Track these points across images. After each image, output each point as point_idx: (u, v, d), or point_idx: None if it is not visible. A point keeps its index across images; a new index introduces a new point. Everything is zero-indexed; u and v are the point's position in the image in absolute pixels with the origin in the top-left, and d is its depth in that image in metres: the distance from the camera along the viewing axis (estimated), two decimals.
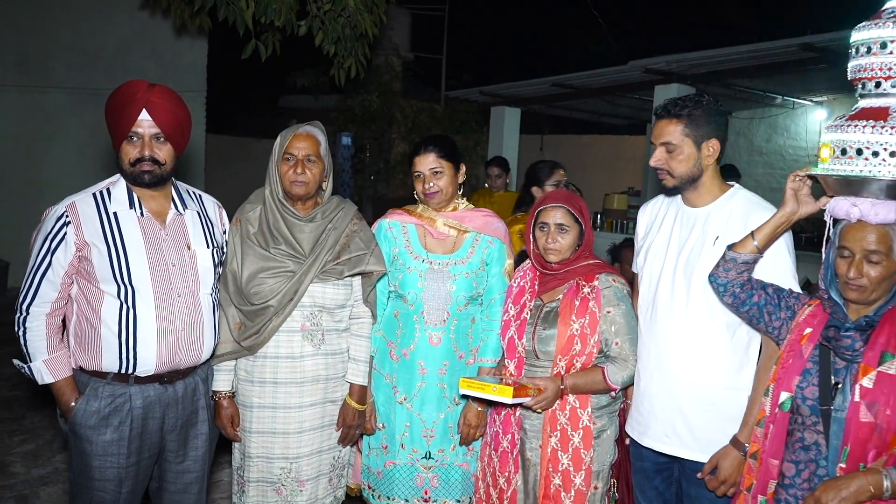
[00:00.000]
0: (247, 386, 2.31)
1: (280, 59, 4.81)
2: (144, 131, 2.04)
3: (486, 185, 5.79)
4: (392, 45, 12.17)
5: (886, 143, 1.62)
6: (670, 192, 2.21)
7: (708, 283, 1.99)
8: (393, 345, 2.46)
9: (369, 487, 2.51)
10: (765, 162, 9.34)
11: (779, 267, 2.00)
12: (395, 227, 2.52)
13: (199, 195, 2.32)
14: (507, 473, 2.31)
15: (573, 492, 2.21)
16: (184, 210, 2.19)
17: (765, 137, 9.43)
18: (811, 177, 1.82)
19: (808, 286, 4.86)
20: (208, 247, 2.20)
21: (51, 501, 3.38)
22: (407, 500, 2.44)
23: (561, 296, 2.27)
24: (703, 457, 2.08)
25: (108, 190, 2.10)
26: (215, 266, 2.22)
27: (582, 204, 2.31)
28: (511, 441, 2.30)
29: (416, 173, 2.47)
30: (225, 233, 2.33)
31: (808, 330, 1.78)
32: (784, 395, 1.76)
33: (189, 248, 2.15)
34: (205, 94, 9.09)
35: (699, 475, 2.08)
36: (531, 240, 2.34)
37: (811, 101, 8.67)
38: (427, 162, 2.44)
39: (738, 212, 2.08)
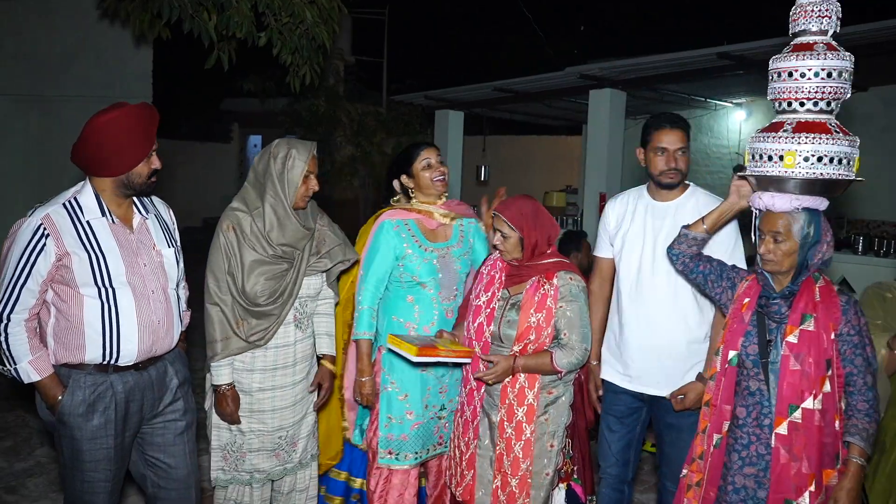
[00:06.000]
0: (246, 375, 2.54)
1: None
2: (155, 146, 2.28)
3: None
4: (337, 49, 12.39)
5: (837, 151, 1.99)
6: (668, 188, 2.66)
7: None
8: (411, 325, 2.78)
9: (390, 453, 2.81)
10: (691, 159, 10.00)
11: (726, 248, 2.57)
12: (399, 224, 2.81)
13: (151, 199, 2.46)
14: (466, 438, 2.64)
15: (512, 456, 2.53)
16: (147, 215, 2.37)
17: (691, 137, 10.09)
18: (742, 176, 2.26)
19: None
20: (170, 246, 2.40)
21: (38, 490, 3.56)
22: (427, 450, 2.84)
23: (524, 291, 2.57)
24: None
25: (75, 199, 2.22)
26: (178, 263, 2.43)
27: (522, 213, 2.54)
28: (473, 412, 2.63)
29: (426, 161, 2.81)
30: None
31: (747, 300, 2.21)
32: (732, 353, 2.20)
33: (155, 249, 2.35)
34: (150, 100, 9.12)
35: (668, 396, 2.61)
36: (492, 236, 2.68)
37: (731, 102, 9.32)
38: (435, 152, 2.84)
39: (701, 204, 2.61)
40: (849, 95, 2.06)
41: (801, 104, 2.07)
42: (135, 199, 2.35)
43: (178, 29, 4.58)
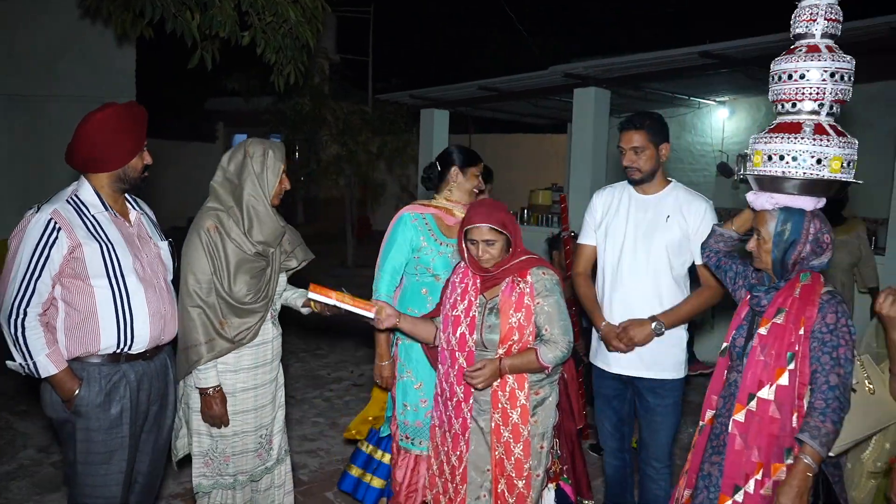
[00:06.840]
0: (231, 375, 2.53)
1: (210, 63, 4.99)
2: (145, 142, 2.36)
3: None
4: (322, 48, 12.35)
5: (801, 150, 2.02)
6: (635, 183, 2.84)
7: (697, 250, 2.68)
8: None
9: (406, 437, 2.94)
10: (675, 157, 10.03)
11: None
12: (417, 218, 2.94)
13: (135, 198, 2.55)
14: (458, 452, 2.58)
15: (514, 459, 2.51)
16: (140, 211, 2.49)
17: (675, 135, 10.14)
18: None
19: None
20: (163, 240, 2.53)
21: (21, 494, 3.54)
22: None
23: (500, 294, 2.54)
24: (654, 374, 2.82)
25: (76, 196, 2.30)
26: (172, 256, 2.53)
27: (503, 215, 2.51)
28: (462, 424, 2.57)
29: (478, 173, 3.02)
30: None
31: (748, 297, 2.26)
32: (724, 345, 2.27)
33: (151, 241, 2.47)
34: (134, 98, 9.08)
35: (617, 330, 2.79)
36: (464, 249, 2.60)
37: (714, 100, 9.38)
38: (480, 168, 3.02)
39: (682, 199, 2.80)
40: (847, 97, 2.06)
41: (783, 106, 2.12)
42: (126, 195, 2.44)
43: (163, 28, 4.57)
